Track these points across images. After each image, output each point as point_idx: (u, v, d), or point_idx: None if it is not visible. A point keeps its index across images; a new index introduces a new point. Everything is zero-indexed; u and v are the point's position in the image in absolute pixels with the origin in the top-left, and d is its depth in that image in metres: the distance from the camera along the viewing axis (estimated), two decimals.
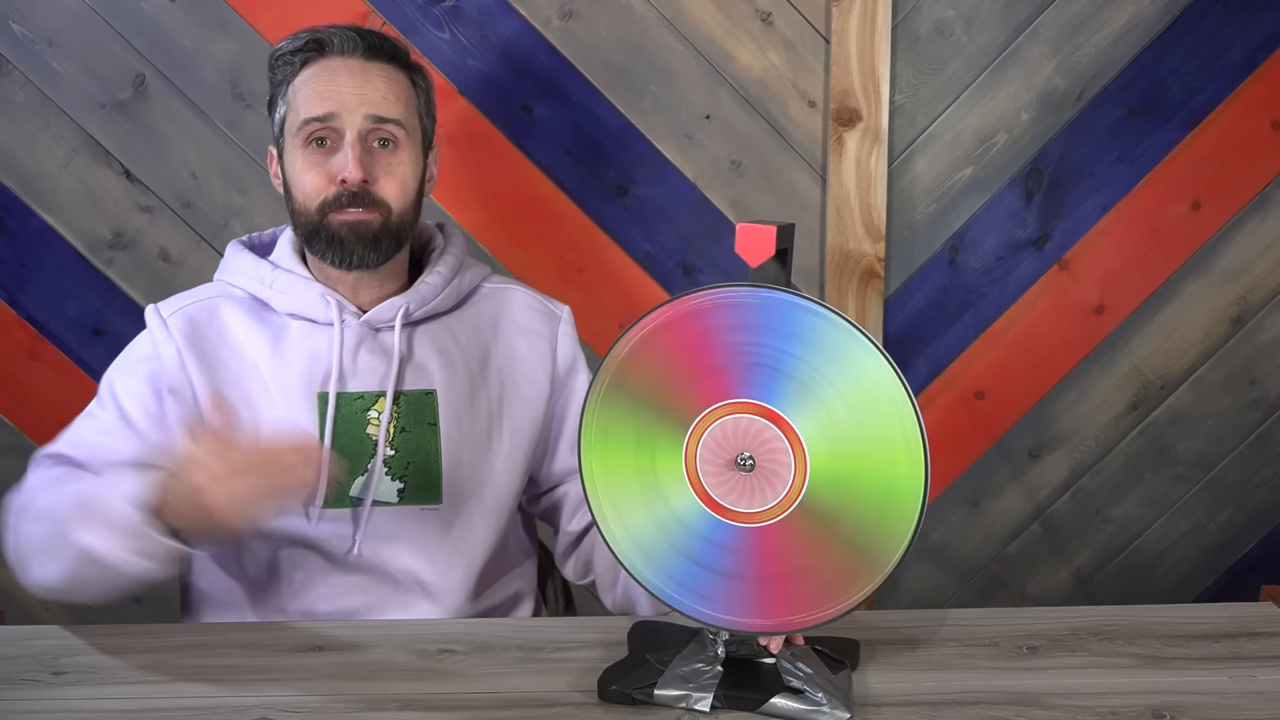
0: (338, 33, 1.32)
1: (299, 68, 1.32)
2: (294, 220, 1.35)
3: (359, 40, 1.32)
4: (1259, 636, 1.15)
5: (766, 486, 0.98)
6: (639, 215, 1.91)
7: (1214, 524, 2.06)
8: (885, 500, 0.95)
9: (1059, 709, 1.01)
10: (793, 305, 0.95)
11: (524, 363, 1.41)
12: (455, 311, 1.40)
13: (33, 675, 1.09)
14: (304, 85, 1.31)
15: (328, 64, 1.32)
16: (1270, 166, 1.92)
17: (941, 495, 2.03)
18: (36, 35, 1.82)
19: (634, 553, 1.02)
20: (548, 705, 1.03)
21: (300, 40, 1.33)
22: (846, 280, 1.91)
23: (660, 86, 1.86)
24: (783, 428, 0.96)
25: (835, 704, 1.00)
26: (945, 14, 1.85)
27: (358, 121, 1.30)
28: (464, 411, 1.35)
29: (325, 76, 1.31)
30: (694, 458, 0.99)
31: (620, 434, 1.01)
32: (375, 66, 1.32)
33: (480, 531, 1.36)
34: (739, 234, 0.98)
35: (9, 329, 1.91)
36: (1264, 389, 2.00)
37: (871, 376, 0.94)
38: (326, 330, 1.33)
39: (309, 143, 1.31)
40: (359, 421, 1.32)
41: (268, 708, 1.02)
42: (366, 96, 1.30)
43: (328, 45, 1.32)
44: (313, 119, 1.30)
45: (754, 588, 0.99)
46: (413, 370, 1.35)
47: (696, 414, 0.99)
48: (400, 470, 1.33)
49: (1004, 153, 1.90)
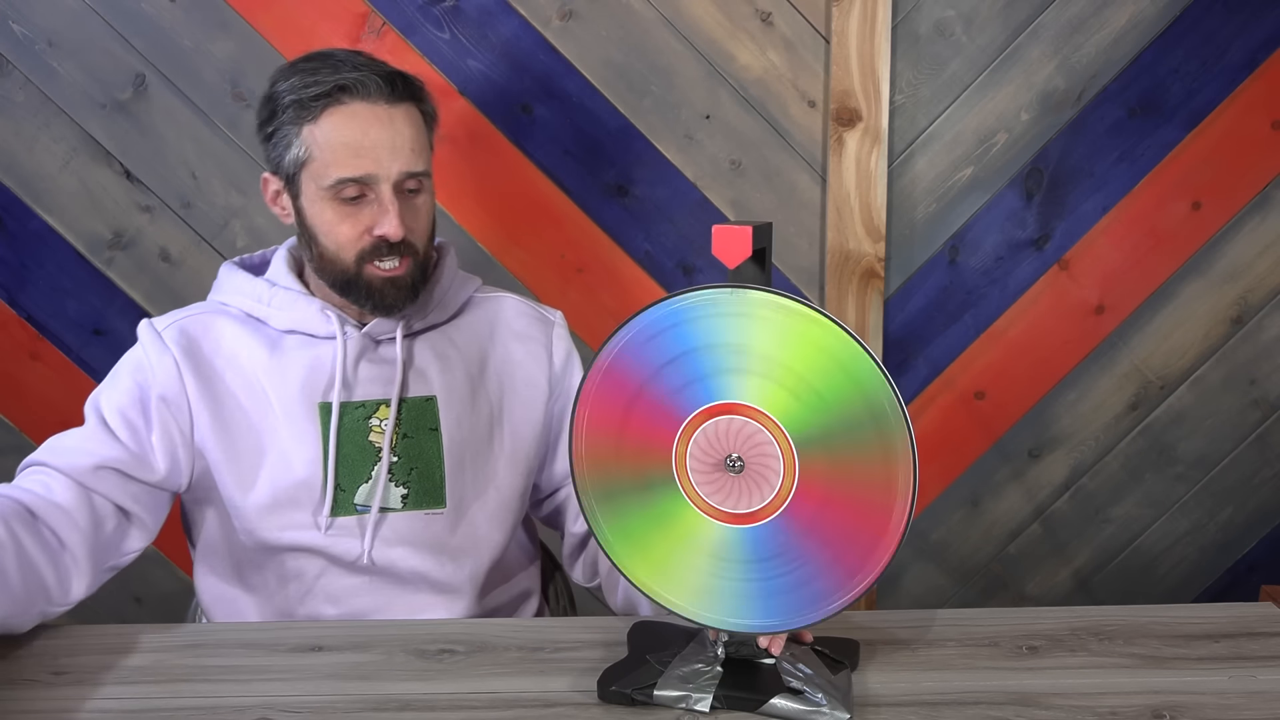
0: (358, 76, 1.26)
1: (320, 113, 1.26)
2: (321, 265, 1.32)
3: (381, 84, 1.27)
4: (1259, 636, 1.15)
5: (756, 487, 0.98)
6: (639, 215, 1.91)
7: (1214, 524, 2.06)
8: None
9: (1059, 709, 1.01)
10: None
11: (521, 366, 1.42)
12: (452, 320, 1.41)
13: (33, 675, 1.09)
14: (331, 135, 1.26)
15: (353, 111, 1.26)
16: (1270, 166, 1.92)
17: (941, 495, 2.03)
18: (36, 35, 1.82)
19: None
20: (548, 705, 1.03)
21: (319, 84, 1.26)
22: (846, 280, 1.91)
23: (660, 86, 1.86)
24: (771, 428, 0.96)
25: (835, 704, 1.00)
26: (945, 14, 1.85)
27: (392, 176, 1.27)
28: (465, 415, 1.36)
29: (355, 128, 1.26)
30: (684, 461, 0.99)
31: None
32: (399, 111, 1.28)
33: (485, 532, 1.36)
34: (715, 236, 0.98)
35: (9, 329, 1.91)
36: (1264, 389, 2.00)
37: (857, 374, 0.94)
38: (326, 343, 1.33)
39: (339, 195, 1.27)
40: (362, 430, 1.32)
41: (268, 708, 1.02)
42: (399, 150, 1.27)
43: (350, 90, 1.26)
44: (349, 180, 1.26)
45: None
46: (413, 376, 1.35)
47: (683, 417, 0.99)
48: (404, 476, 1.33)
49: (1004, 153, 1.90)
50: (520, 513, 1.42)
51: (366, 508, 1.32)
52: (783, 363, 0.95)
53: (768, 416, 0.96)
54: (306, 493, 1.30)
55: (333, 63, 1.28)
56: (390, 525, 1.32)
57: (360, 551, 1.31)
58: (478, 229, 1.90)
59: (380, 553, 1.32)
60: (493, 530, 1.37)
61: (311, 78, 1.27)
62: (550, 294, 1.92)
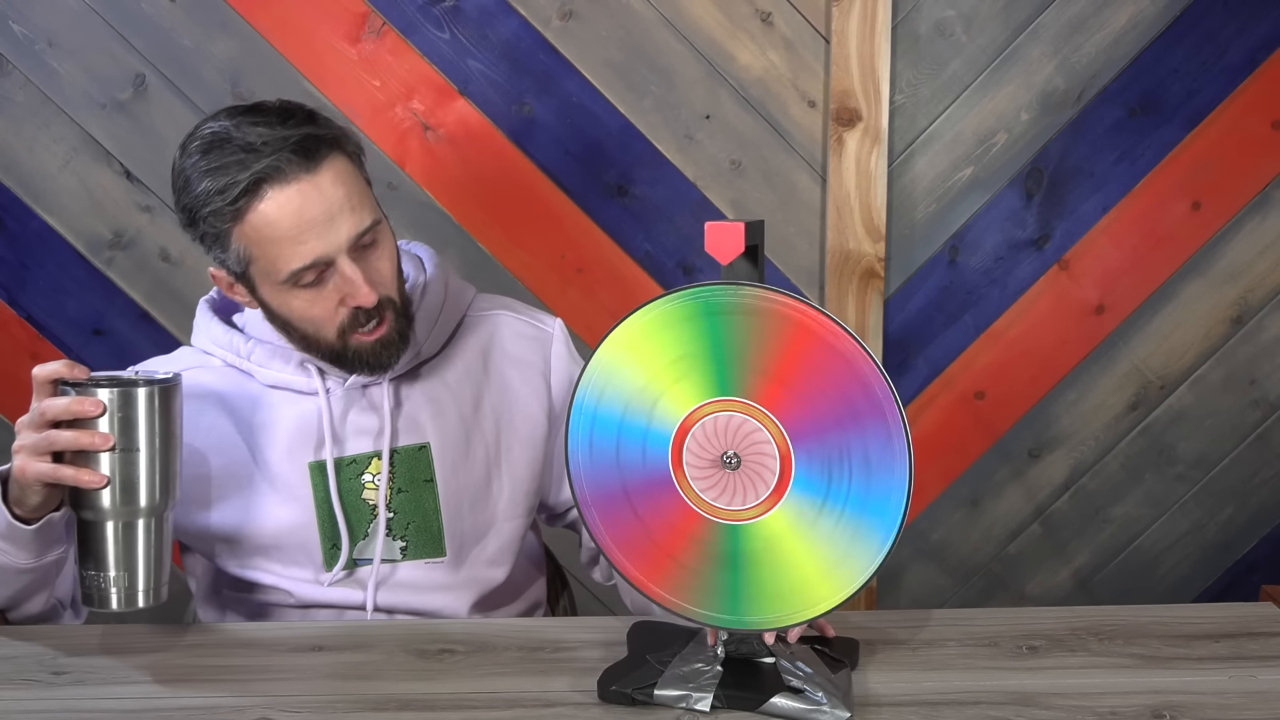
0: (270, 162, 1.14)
1: (245, 211, 1.15)
2: (305, 345, 1.24)
3: (293, 156, 1.15)
4: (1259, 636, 1.15)
5: (753, 483, 0.98)
6: (639, 215, 1.91)
7: (1214, 524, 2.06)
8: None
9: (1059, 709, 1.01)
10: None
11: (519, 398, 1.35)
12: (443, 352, 1.34)
13: (33, 675, 1.09)
14: (265, 231, 1.16)
15: (277, 200, 1.15)
16: (1270, 166, 1.92)
17: (941, 495, 2.03)
18: (36, 35, 1.82)
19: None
20: (548, 705, 1.03)
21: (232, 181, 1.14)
22: (846, 280, 1.91)
23: (660, 86, 1.86)
24: (766, 424, 0.96)
25: (835, 704, 1.00)
26: (945, 14, 1.85)
27: (343, 245, 1.17)
28: (460, 463, 1.31)
29: (286, 217, 1.15)
30: (680, 459, 0.99)
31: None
32: (324, 175, 1.16)
33: (487, 572, 1.34)
34: (708, 233, 0.98)
35: (9, 329, 1.91)
36: (1264, 389, 2.00)
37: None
38: (312, 398, 1.28)
39: (299, 284, 1.19)
40: (354, 488, 1.28)
41: (268, 708, 1.02)
42: (338, 217, 1.16)
43: (267, 179, 1.14)
44: (302, 269, 1.17)
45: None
46: (404, 424, 1.30)
47: (679, 415, 0.99)
48: (401, 531, 1.30)
49: (1004, 153, 1.90)
50: (523, 541, 1.39)
51: (365, 561, 1.30)
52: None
53: (763, 412, 0.96)
54: (304, 554, 1.28)
55: (232, 147, 1.15)
56: (391, 573, 1.30)
57: (363, 601, 1.29)
58: (478, 229, 1.90)
59: (382, 598, 1.30)
60: (494, 570, 1.34)
61: (222, 179, 1.15)
62: (550, 294, 1.92)
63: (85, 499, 1.07)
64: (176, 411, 1.10)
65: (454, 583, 1.32)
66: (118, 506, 1.07)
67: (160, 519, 1.09)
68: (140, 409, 1.06)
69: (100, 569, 1.07)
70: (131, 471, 1.07)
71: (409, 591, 1.31)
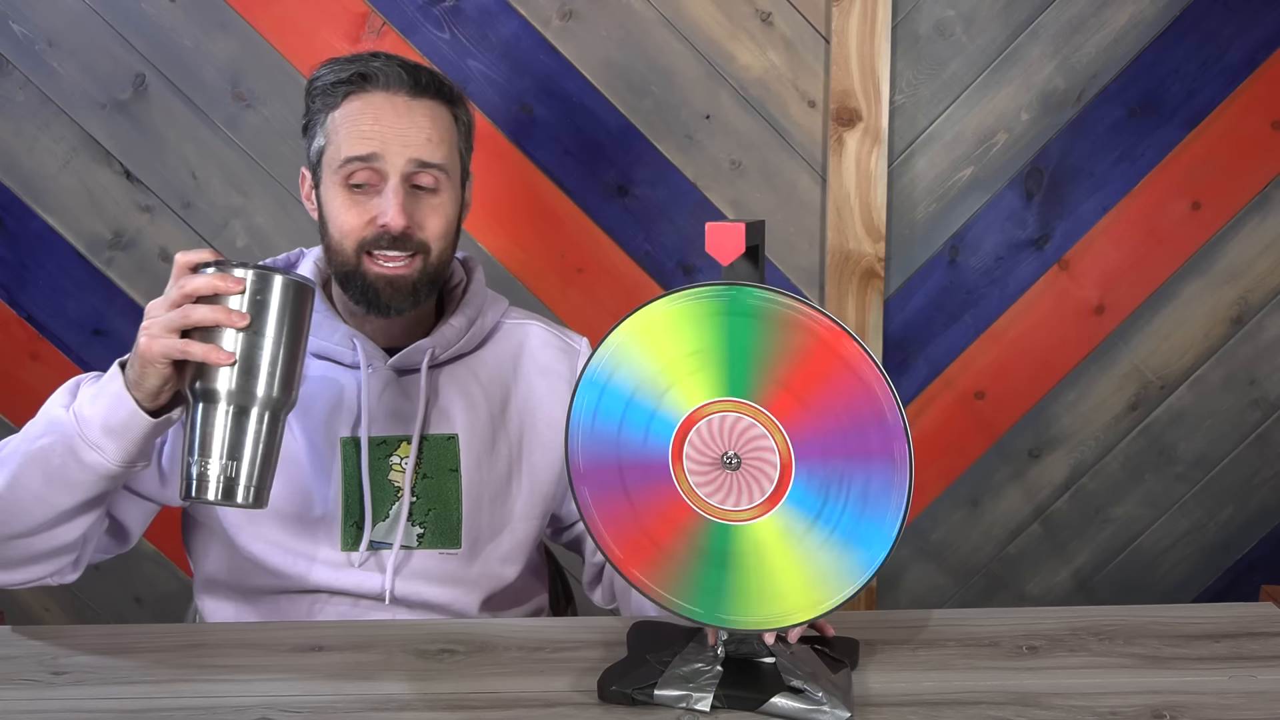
0: (383, 66, 1.27)
1: (341, 99, 1.27)
2: (328, 254, 1.31)
3: (404, 75, 1.26)
4: (1259, 636, 1.15)
5: (749, 487, 0.98)
6: (639, 215, 1.91)
7: (1214, 524, 2.06)
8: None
9: (1059, 709, 1.01)
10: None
11: (544, 404, 1.39)
12: (477, 351, 1.38)
13: (33, 675, 1.09)
14: (346, 120, 1.26)
15: (371, 99, 1.26)
16: (1270, 166, 1.92)
17: (941, 495, 2.03)
18: (36, 35, 1.82)
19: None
20: (548, 705, 1.03)
21: (344, 71, 1.27)
22: (846, 280, 1.91)
23: (660, 86, 1.86)
24: (767, 424, 0.96)
25: (835, 703, 1.00)
26: (945, 14, 1.85)
27: (400, 165, 1.25)
28: (485, 456, 1.34)
29: (369, 113, 1.26)
30: (681, 450, 0.99)
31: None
32: (420, 104, 1.27)
33: (499, 570, 1.36)
34: (708, 233, 0.98)
35: (9, 329, 1.91)
36: (1264, 389, 2.00)
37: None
38: (350, 372, 1.31)
39: (349, 181, 1.26)
40: (382, 468, 1.31)
41: (268, 708, 1.02)
42: (411, 138, 1.25)
43: (372, 79, 1.26)
44: (354, 158, 1.25)
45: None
46: (436, 414, 1.33)
47: (688, 408, 0.99)
48: (421, 516, 1.32)
49: (1004, 153, 1.90)
50: (535, 546, 1.41)
51: (384, 544, 1.31)
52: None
53: (772, 420, 0.96)
54: (325, 529, 1.30)
55: (365, 57, 1.28)
56: (404, 559, 1.32)
57: (380, 588, 1.30)
58: (478, 229, 1.90)
59: (397, 586, 1.31)
60: (506, 567, 1.36)
61: (340, 67, 1.28)
62: (550, 294, 1.92)
63: (205, 380, 1.04)
64: (307, 315, 1.08)
65: (467, 576, 1.33)
66: (236, 390, 1.04)
67: (275, 418, 1.07)
68: (275, 295, 1.05)
69: (205, 454, 1.04)
70: (256, 355, 1.04)
71: (423, 581, 1.32)
